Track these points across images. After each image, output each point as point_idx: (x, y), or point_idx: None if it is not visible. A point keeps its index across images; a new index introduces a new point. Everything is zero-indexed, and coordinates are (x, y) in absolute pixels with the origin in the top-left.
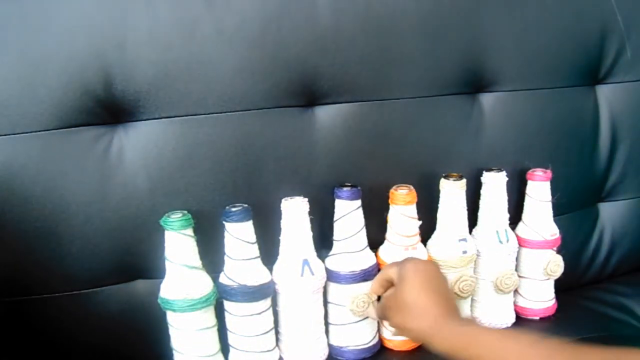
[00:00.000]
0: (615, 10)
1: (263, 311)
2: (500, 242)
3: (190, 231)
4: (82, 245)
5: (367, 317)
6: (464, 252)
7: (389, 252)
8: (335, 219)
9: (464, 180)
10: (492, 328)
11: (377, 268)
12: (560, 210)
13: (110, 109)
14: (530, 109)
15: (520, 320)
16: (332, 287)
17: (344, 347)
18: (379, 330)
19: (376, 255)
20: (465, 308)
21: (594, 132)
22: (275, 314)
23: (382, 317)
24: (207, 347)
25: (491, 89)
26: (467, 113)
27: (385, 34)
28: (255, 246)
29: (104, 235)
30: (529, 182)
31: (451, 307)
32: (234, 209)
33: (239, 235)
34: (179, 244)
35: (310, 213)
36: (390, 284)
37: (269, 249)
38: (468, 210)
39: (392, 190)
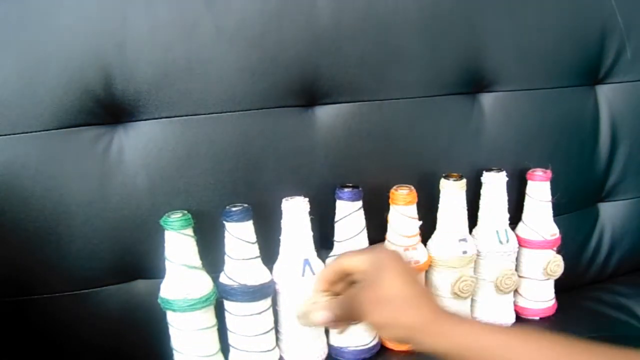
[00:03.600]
0: (615, 10)
1: (263, 311)
2: (500, 242)
3: (190, 231)
4: (82, 245)
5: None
6: (464, 252)
7: None
8: (336, 219)
9: (464, 180)
10: (496, 326)
11: None
12: (560, 210)
13: (110, 109)
14: (530, 109)
15: (520, 320)
16: None
17: (343, 348)
18: None
19: None
20: (465, 308)
21: (594, 132)
22: (276, 313)
23: (349, 317)
24: (207, 347)
25: (491, 89)
26: (467, 113)
27: (385, 33)
28: (256, 246)
29: (104, 235)
30: (529, 182)
31: (433, 297)
32: (234, 209)
33: (239, 235)
34: (178, 244)
35: (310, 213)
36: (343, 279)
37: (269, 249)
38: (468, 210)
39: (392, 191)
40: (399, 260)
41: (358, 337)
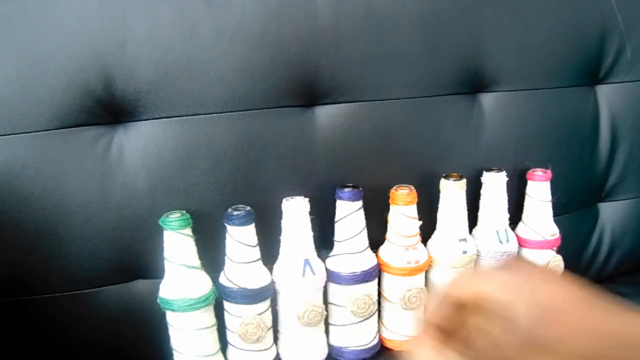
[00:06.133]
0: (615, 10)
1: (262, 312)
2: (500, 242)
3: (188, 231)
4: (82, 245)
5: (368, 318)
6: (464, 252)
7: (389, 252)
8: (336, 219)
9: (464, 180)
10: None
11: (377, 269)
12: (560, 210)
13: (110, 109)
14: (530, 109)
15: None
16: (333, 287)
17: (343, 348)
18: (379, 330)
19: (376, 256)
20: None
21: (594, 132)
22: (275, 313)
23: None
24: (206, 347)
25: (491, 89)
26: (467, 113)
27: (385, 34)
28: (257, 249)
29: (104, 235)
30: (529, 182)
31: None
32: (236, 213)
33: (240, 239)
34: (177, 244)
35: (310, 213)
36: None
37: (269, 249)
38: (468, 210)
39: (392, 191)
40: (550, 277)
41: (358, 337)
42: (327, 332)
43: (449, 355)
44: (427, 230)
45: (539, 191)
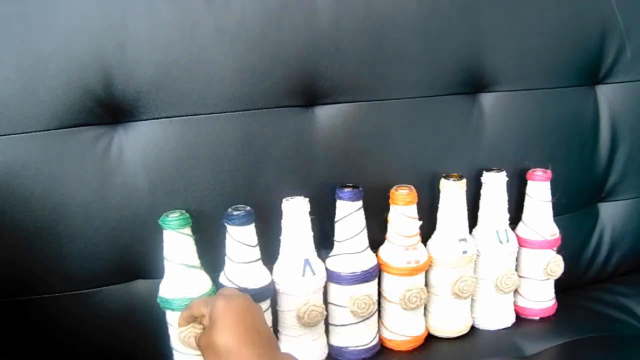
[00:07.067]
0: (615, 10)
1: (262, 312)
2: (500, 242)
3: (188, 230)
4: (82, 245)
5: (368, 318)
6: (464, 252)
7: (389, 252)
8: (336, 219)
9: (464, 180)
10: None
11: (377, 269)
12: (560, 210)
13: (110, 109)
14: (530, 109)
15: (520, 321)
16: (333, 287)
17: (343, 348)
18: (379, 330)
19: (376, 256)
20: (465, 308)
21: (594, 132)
22: (275, 313)
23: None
24: None
25: (491, 89)
26: (467, 113)
27: (385, 34)
28: (257, 249)
29: (104, 235)
30: (529, 182)
31: (267, 344)
32: (236, 212)
33: (240, 239)
34: (177, 243)
35: (310, 213)
36: (194, 320)
37: (269, 249)
38: (468, 210)
39: (392, 191)
40: (234, 309)
41: (358, 337)
42: (327, 332)
43: (198, 330)
44: (427, 230)
45: (539, 191)
